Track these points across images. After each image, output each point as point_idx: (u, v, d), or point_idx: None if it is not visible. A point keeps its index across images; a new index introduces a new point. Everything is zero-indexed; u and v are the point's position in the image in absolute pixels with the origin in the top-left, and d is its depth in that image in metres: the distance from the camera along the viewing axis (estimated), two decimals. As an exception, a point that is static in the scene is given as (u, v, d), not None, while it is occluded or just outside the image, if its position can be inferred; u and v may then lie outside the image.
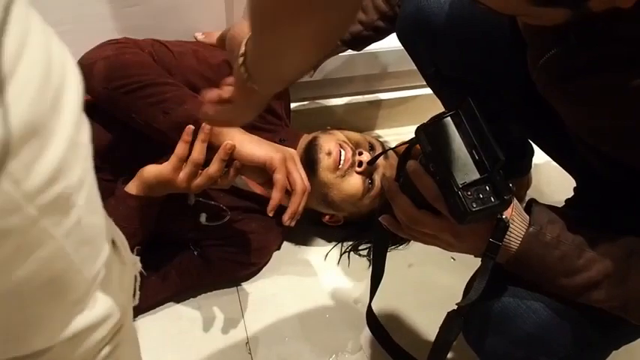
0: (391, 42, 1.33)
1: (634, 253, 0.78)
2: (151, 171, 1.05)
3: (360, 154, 1.26)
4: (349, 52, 1.32)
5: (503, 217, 0.78)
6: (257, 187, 1.16)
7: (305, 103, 1.54)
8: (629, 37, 0.69)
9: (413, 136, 0.83)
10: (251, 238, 1.27)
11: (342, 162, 1.24)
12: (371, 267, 1.08)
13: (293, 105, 1.44)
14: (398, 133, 1.65)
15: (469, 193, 0.73)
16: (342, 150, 1.25)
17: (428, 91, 1.29)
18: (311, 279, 1.36)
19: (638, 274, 0.77)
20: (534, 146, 1.46)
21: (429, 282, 1.36)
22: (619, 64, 0.71)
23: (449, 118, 0.77)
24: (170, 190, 1.06)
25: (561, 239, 0.79)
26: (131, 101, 1.06)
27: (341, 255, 1.40)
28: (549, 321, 0.85)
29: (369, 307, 1.08)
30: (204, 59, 1.20)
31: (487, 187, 0.74)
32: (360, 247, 1.41)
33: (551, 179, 1.59)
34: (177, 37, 1.23)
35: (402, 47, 1.21)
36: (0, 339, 0.46)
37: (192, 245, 1.25)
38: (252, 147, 1.01)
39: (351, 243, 1.42)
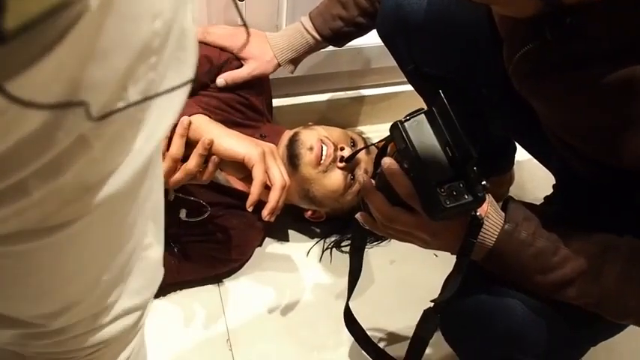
0: (374, 38, 1.33)
1: (608, 250, 0.78)
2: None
3: (342, 149, 1.25)
4: (331, 48, 1.32)
5: (477, 214, 0.78)
6: (237, 182, 1.16)
7: (287, 99, 1.53)
8: (602, 33, 0.69)
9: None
10: (232, 235, 1.26)
11: (323, 157, 1.23)
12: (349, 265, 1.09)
13: (275, 101, 1.44)
14: (380, 130, 1.64)
15: (442, 190, 0.73)
16: (323, 145, 1.24)
17: (411, 87, 1.29)
18: (292, 275, 1.36)
19: (612, 271, 0.77)
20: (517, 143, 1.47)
21: (410, 279, 1.36)
22: (593, 60, 0.71)
23: (423, 115, 0.77)
24: (149, 185, 1.05)
25: (536, 236, 0.79)
26: None
27: (323, 251, 1.40)
28: (525, 318, 0.86)
29: (347, 305, 1.08)
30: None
31: (460, 185, 0.74)
32: (342, 244, 1.41)
33: (534, 176, 1.59)
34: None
35: (384, 43, 1.21)
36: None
37: (173, 241, 1.24)
38: (231, 142, 1.00)
39: (333, 239, 1.42)
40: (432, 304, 0.90)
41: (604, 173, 0.81)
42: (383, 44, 1.21)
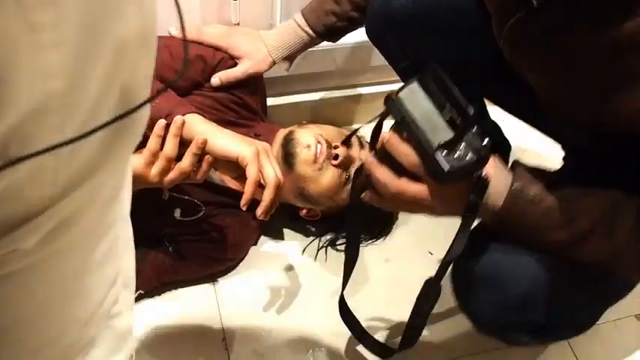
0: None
1: (618, 205, 0.77)
2: (123, 166, 1.04)
3: (336, 147, 1.25)
4: (326, 46, 1.32)
5: (483, 174, 0.78)
6: (231, 181, 1.16)
7: (281, 97, 1.53)
8: None
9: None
10: (227, 234, 1.26)
11: (318, 155, 1.23)
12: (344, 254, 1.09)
13: (269, 100, 1.44)
14: (376, 128, 1.65)
15: (445, 153, 0.74)
16: (318, 144, 1.25)
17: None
18: (288, 274, 1.36)
19: (624, 226, 0.76)
20: (510, 142, 1.47)
21: (405, 277, 1.36)
22: (578, 23, 0.71)
23: (416, 83, 0.77)
24: (142, 185, 1.05)
25: (545, 195, 0.78)
26: None
27: (318, 250, 1.40)
28: (539, 279, 0.85)
29: (342, 295, 1.08)
30: (177, 54, 1.19)
31: (463, 145, 0.74)
32: (337, 242, 1.41)
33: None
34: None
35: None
36: None
37: (167, 241, 1.24)
38: (225, 141, 1.00)
39: (328, 238, 1.42)
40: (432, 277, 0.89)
41: (605, 144, 0.80)
42: (377, 42, 1.21)
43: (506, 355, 1.26)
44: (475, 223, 0.84)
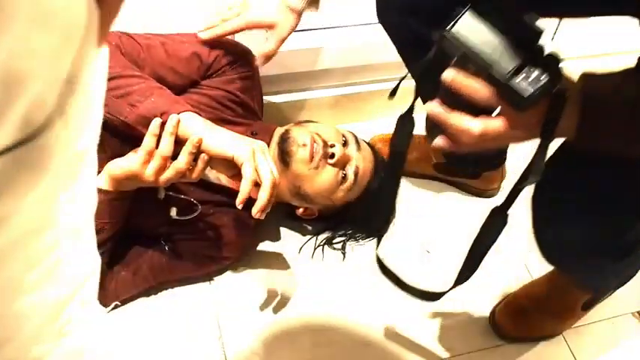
0: (366, 35, 1.32)
1: None
2: (118, 165, 1.04)
3: (332, 146, 1.25)
4: (324, 45, 1.30)
5: (558, 90, 0.74)
6: (227, 180, 1.15)
7: (279, 96, 1.53)
8: None
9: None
10: (223, 232, 1.26)
11: (314, 154, 1.23)
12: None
13: (266, 98, 1.43)
14: (373, 128, 1.64)
15: (520, 78, 0.72)
16: (314, 142, 1.24)
17: (405, 83, 1.27)
18: (284, 272, 1.36)
19: None
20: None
21: (403, 276, 1.36)
22: None
23: (467, 14, 0.74)
24: (138, 184, 1.04)
25: (624, 87, 0.74)
26: None
27: (315, 248, 1.40)
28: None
29: (377, 255, 1.07)
30: (173, 52, 1.19)
31: (534, 66, 0.72)
32: (334, 241, 1.41)
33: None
34: (145, 30, 1.21)
35: (380, 40, 1.18)
36: None
37: (164, 240, 1.24)
38: (221, 140, 1.00)
39: (325, 236, 1.42)
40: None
41: None
42: (377, 41, 1.18)
43: (504, 353, 1.26)
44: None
